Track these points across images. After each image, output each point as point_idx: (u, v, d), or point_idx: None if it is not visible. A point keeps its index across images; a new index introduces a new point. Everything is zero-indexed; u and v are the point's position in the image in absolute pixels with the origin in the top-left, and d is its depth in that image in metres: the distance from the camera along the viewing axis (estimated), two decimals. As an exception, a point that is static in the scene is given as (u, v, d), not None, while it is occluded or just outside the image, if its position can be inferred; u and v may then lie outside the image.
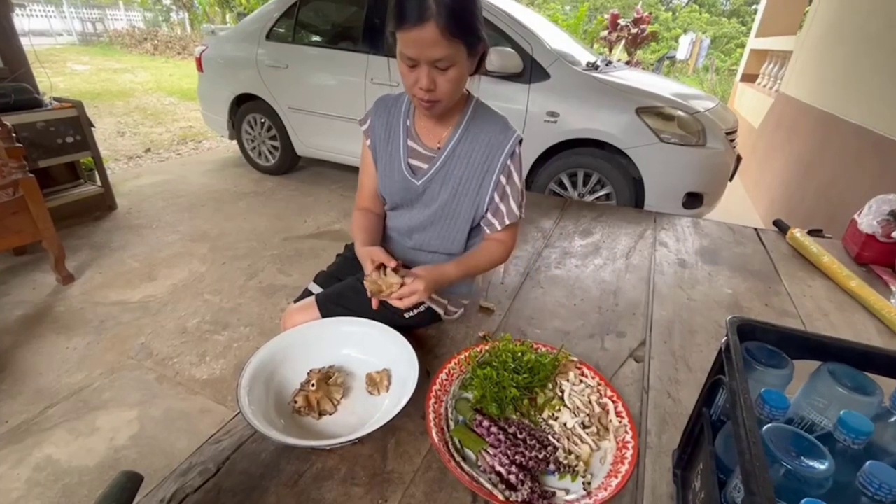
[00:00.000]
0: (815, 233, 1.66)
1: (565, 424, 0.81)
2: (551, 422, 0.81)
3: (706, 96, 2.85)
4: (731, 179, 2.62)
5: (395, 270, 0.89)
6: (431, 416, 0.80)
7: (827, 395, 0.57)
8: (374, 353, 0.92)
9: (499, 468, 0.71)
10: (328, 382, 0.84)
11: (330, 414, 0.82)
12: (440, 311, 1.08)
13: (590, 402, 0.85)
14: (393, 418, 0.74)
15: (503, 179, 0.97)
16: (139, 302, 2.17)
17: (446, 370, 0.90)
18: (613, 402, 0.85)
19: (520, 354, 0.91)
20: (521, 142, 0.97)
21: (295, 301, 1.11)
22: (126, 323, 2.02)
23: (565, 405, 0.83)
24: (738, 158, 2.63)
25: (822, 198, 2.78)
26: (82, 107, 2.74)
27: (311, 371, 0.85)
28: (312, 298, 1.04)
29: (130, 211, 3.15)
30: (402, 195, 1.03)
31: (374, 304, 0.91)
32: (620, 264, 1.44)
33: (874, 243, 1.42)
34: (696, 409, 0.72)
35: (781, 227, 1.70)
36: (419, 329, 1.08)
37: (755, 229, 1.75)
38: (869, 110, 2.54)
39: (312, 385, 0.81)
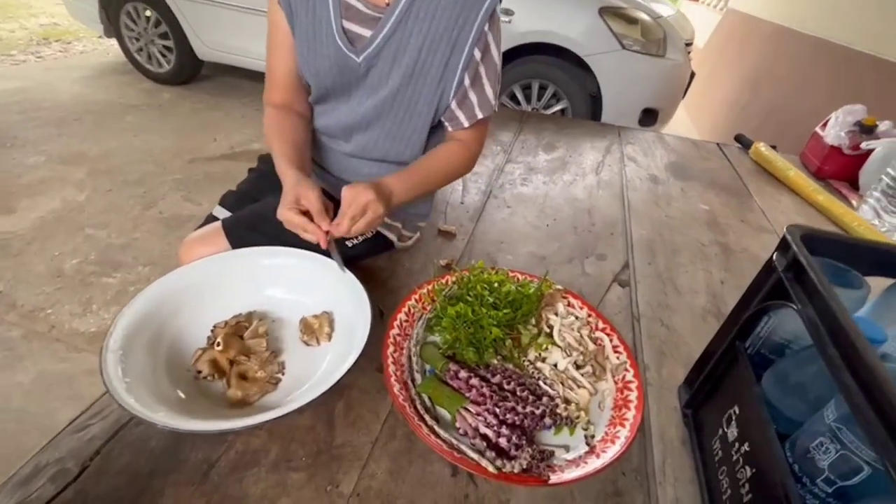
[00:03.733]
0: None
1: (555, 366, 0.66)
2: (539, 364, 0.66)
3: (664, 1, 2.63)
4: (683, 96, 2.52)
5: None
6: (391, 368, 0.61)
7: (909, 319, 0.45)
8: (309, 293, 0.70)
9: (485, 430, 0.55)
10: (243, 336, 0.61)
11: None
12: (393, 236, 0.85)
13: (581, 337, 0.70)
14: (343, 376, 0.54)
15: (477, 54, 0.70)
16: (-7, 240, 1.70)
17: (405, 309, 0.70)
18: (608, 335, 0.71)
19: (497, 285, 0.73)
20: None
21: (196, 229, 0.82)
22: (-24, 267, 1.58)
23: (555, 343, 0.68)
24: (692, 75, 2.52)
25: (772, 115, 2.78)
26: None
27: (215, 326, 0.61)
28: (218, 224, 0.76)
29: (-28, 125, 2.45)
30: (334, 78, 0.74)
31: (323, 243, 0.64)
32: (591, 180, 1.28)
33: (838, 156, 1.38)
34: (720, 340, 0.59)
35: (744, 142, 1.63)
36: (365, 260, 0.85)
37: (717, 144, 1.67)
38: (829, 20, 2.47)
39: (218, 345, 0.57)
